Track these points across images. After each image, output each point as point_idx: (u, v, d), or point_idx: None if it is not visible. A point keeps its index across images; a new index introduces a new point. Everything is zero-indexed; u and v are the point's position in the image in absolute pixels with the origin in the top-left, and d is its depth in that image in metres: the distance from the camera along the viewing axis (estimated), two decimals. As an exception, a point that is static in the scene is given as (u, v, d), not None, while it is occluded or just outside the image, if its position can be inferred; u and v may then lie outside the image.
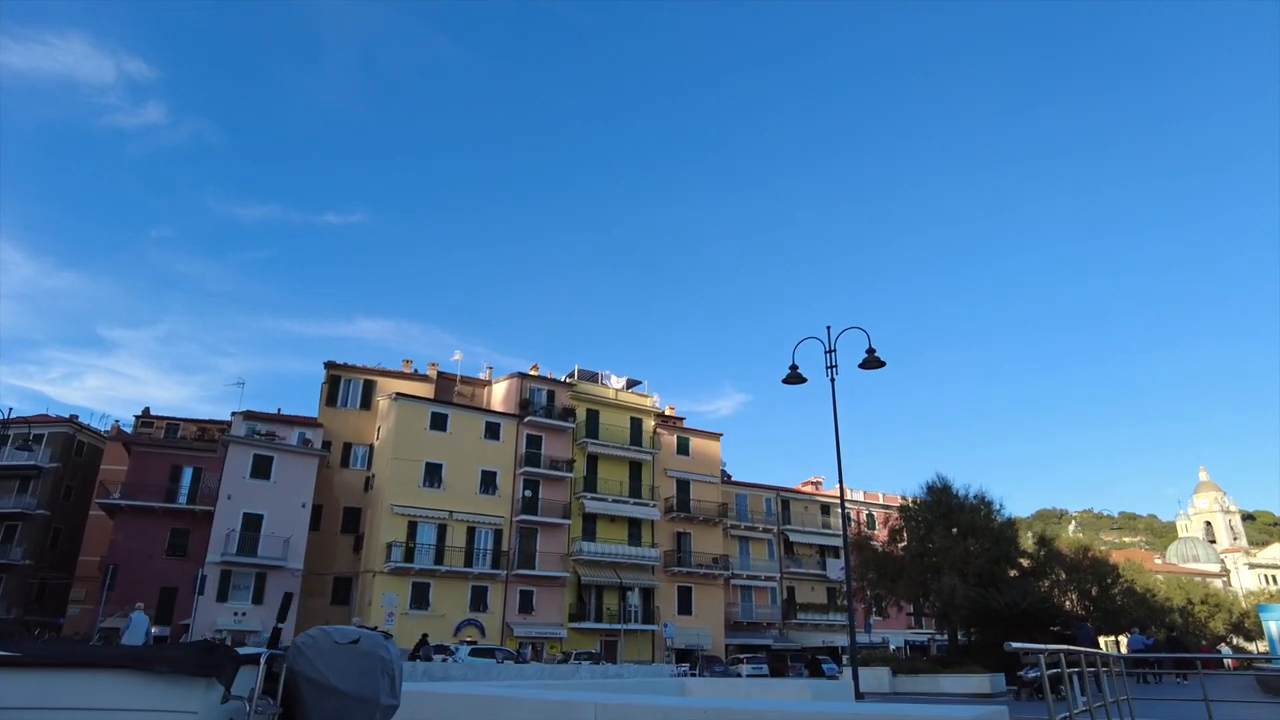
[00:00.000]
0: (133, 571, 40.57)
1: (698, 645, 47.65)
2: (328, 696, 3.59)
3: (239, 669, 3.38)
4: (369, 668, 3.66)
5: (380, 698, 3.64)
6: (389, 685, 3.70)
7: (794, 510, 60.91)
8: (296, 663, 3.70)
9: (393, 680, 3.72)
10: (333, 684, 3.61)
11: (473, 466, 44.63)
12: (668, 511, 51.00)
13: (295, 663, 3.70)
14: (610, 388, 52.81)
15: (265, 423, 45.08)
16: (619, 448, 50.02)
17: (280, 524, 40.16)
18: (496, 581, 43.43)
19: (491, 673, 23.53)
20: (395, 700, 3.74)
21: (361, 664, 3.66)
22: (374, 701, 3.61)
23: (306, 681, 3.63)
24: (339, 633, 3.78)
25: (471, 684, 9.00)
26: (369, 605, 39.21)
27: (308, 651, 3.73)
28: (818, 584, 59.82)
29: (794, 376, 19.22)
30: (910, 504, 28.87)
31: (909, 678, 19.82)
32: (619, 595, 46.85)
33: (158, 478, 43.77)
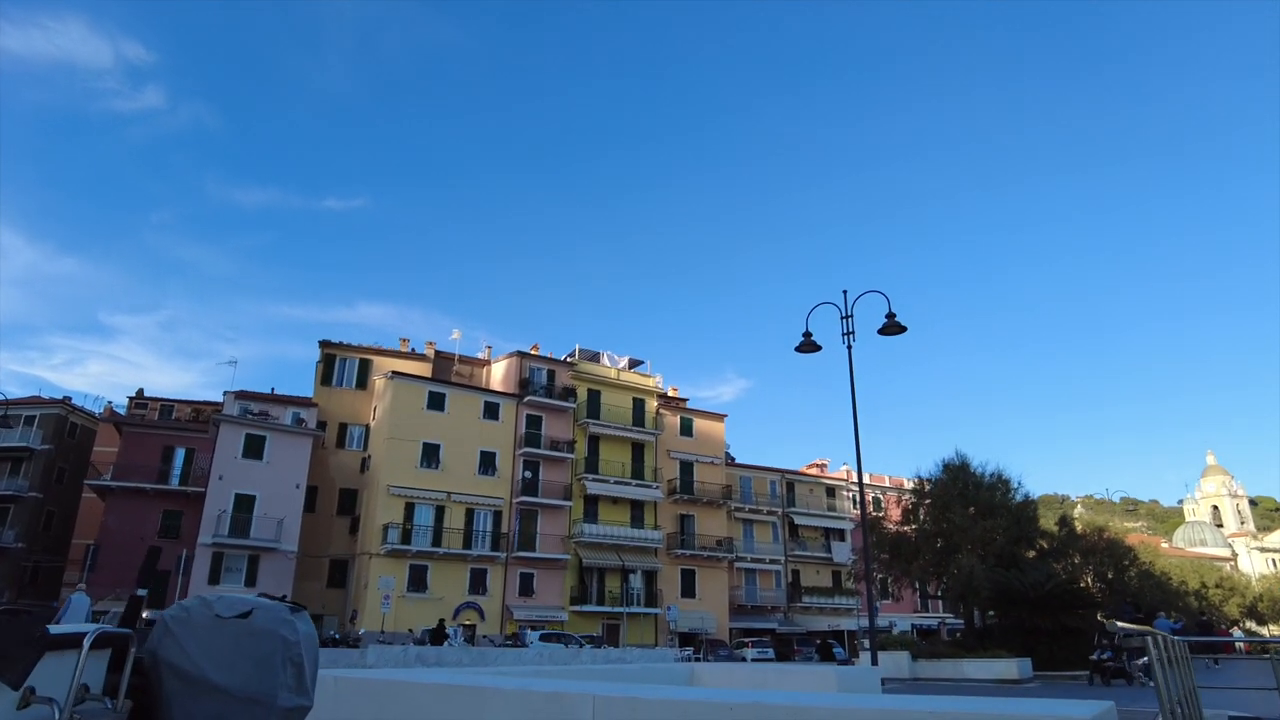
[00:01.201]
0: (124, 554, 39.58)
1: (701, 629, 46.74)
2: (201, 694, 2.42)
3: (42, 655, 2.17)
4: (264, 653, 2.47)
5: (278, 696, 2.45)
6: (293, 678, 2.50)
7: (799, 493, 59.93)
8: (161, 646, 2.53)
9: (300, 671, 2.53)
10: (208, 676, 2.44)
11: (471, 447, 43.56)
12: (671, 493, 49.96)
13: (159, 645, 2.53)
14: (612, 367, 51.64)
15: (258, 402, 44.02)
16: (621, 428, 48.92)
17: (273, 505, 39.15)
18: (496, 564, 42.46)
19: (487, 658, 22.51)
20: (305, 699, 2.54)
21: (253, 647, 2.47)
22: (268, 702, 2.43)
23: (173, 672, 2.47)
24: (223, 603, 2.58)
25: (452, 671, 7.53)
26: (365, 588, 38.25)
27: (176, 630, 2.54)
28: (823, 567, 58.93)
29: (808, 344, 18.05)
30: (925, 483, 27.72)
31: (929, 663, 18.76)
32: (621, 578, 45.90)
33: (149, 459, 42.74)
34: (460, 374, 50.50)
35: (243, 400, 43.84)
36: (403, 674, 6.04)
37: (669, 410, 52.46)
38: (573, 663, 23.51)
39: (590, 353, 51.76)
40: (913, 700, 3.51)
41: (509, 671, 8.37)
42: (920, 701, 3.41)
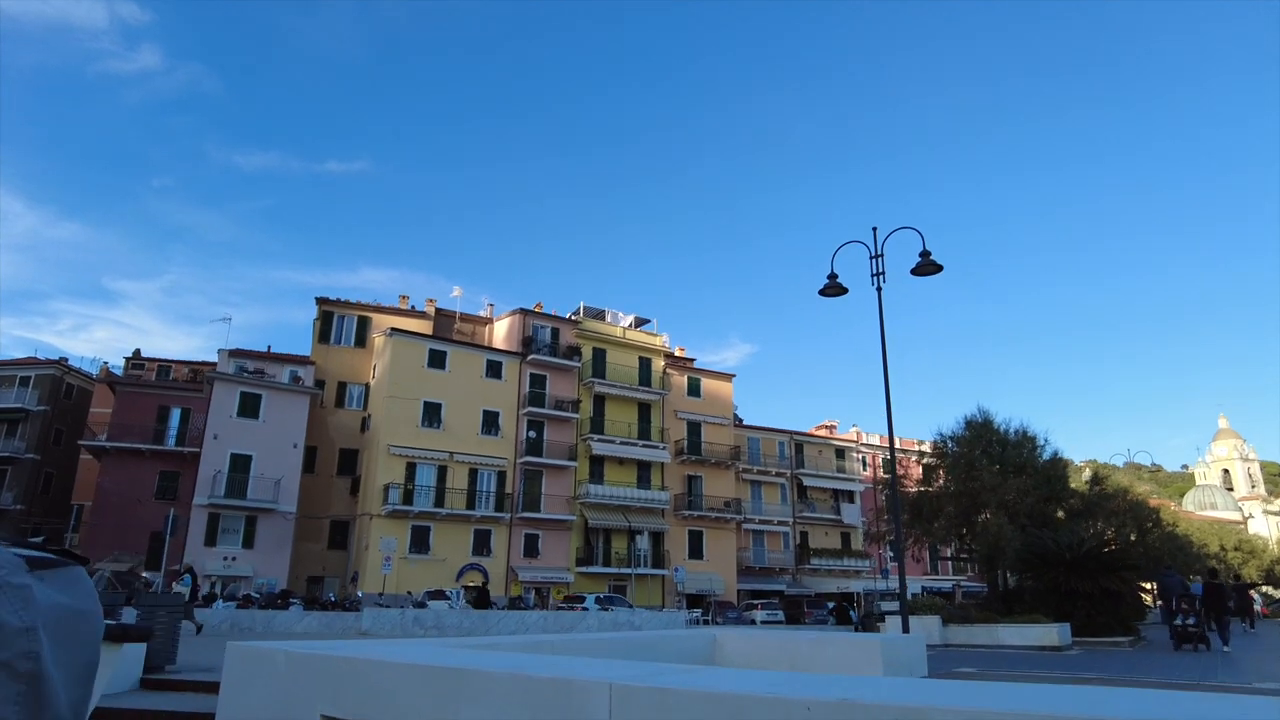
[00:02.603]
0: (120, 515, 38.78)
1: (709, 590, 45.99)
2: None
3: None
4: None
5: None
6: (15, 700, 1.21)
7: (807, 454, 58.87)
8: None
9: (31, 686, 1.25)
10: None
11: (474, 406, 42.41)
12: (678, 454, 48.89)
13: None
14: (618, 326, 50.27)
15: (254, 360, 42.85)
16: (627, 388, 47.70)
17: (270, 465, 38.15)
18: (500, 525, 41.55)
19: (489, 622, 21.52)
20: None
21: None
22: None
23: None
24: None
25: (431, 646, 5.75)
26: (366, 550, 37.38)
27: None
28: (831, 529, 58.11)
29: (833, 287, 16.65)
30: (947, 441, 26.44)
31: (961, 628, 17.61)
32: (628, 539, 45.02)
33: (145, 419, 41.70)
34: (462, 332, 49.20)
35: (238, 358, 42.66)
36: (369, 649, 4.87)
37: (676, 370, 51.19)
38: (577, 628, 22.49)
39: (595, 310, 50.37)
40: (1057, 695, 2.27)
41: (502, 644, 6.96)
42: (1074, 699, 2.18)
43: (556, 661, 5.34)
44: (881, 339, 15.82)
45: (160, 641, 8.47)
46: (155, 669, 8.38)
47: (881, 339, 15.82)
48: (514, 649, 7.12)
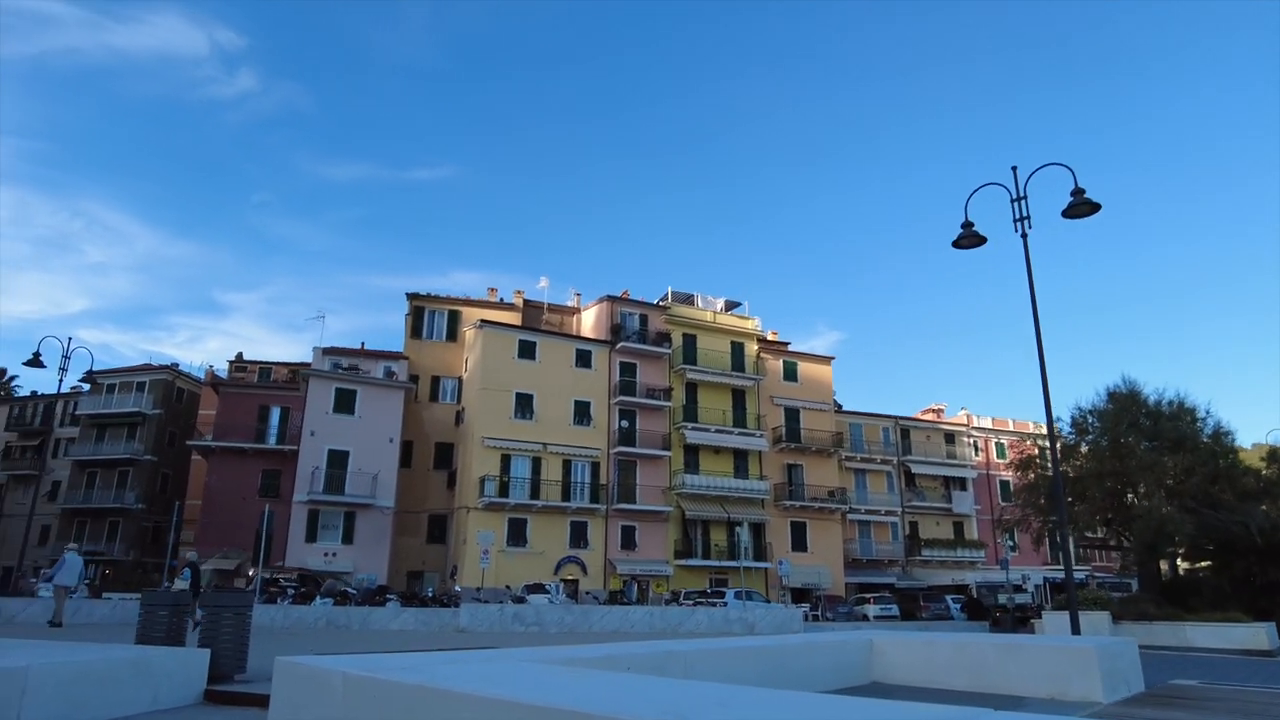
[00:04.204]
0: (228, 513, 39.57)
1: (815, 584, 43.85)
2: None
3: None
4: None
5: None
6: None
7: (914, 440, 55.81)
8: None
9: None
10: None
11: (565, 396, 41.51)
12: (776, 442, 46.82)
13: None
14: (708, 310, 48.52)
15: (348, 357, 43.16)
16: (720, 374, 45.93)
17: (367, 460, 38.17)
18: (596, 516, 40.54)
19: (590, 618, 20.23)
20: None
21: None
22: None
23: None
24: None
25: (535, 669, 3.91)
26: (464, 543, 36.94)
27: None
28: (943, 518, 54.95)
29: (969, 237, 14.57)
30: (1086, 415, 23.68)
31: (1137, 626, 15.20)
32: (727, 531, 43.33)
33: (246, 419, 42.58)
34: (550, 322, 48.46)
35: (333, 356, 43.04)
36: (452, 674, 3.53)
37: (770, 354, 49.08)
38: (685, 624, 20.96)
39: (684, 295, 48.77)
40: None
41: (621, 659, 5.35)
42: None
43: (652, 682, 3.66)
44: (1031, 294, 13.69)
45: (227, 647, 7.39)
46: (222, 678, 7.30)
47: (1031, 294, 13.69)
48: (640, 667, 5.62)
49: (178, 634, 7.85)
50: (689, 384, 45.36)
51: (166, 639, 7.68)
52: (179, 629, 7.91)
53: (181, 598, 8.10)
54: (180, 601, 8.07)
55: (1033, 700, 6.45)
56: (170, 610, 7.83)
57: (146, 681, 6.58)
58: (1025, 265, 13.94)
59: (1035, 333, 13.51)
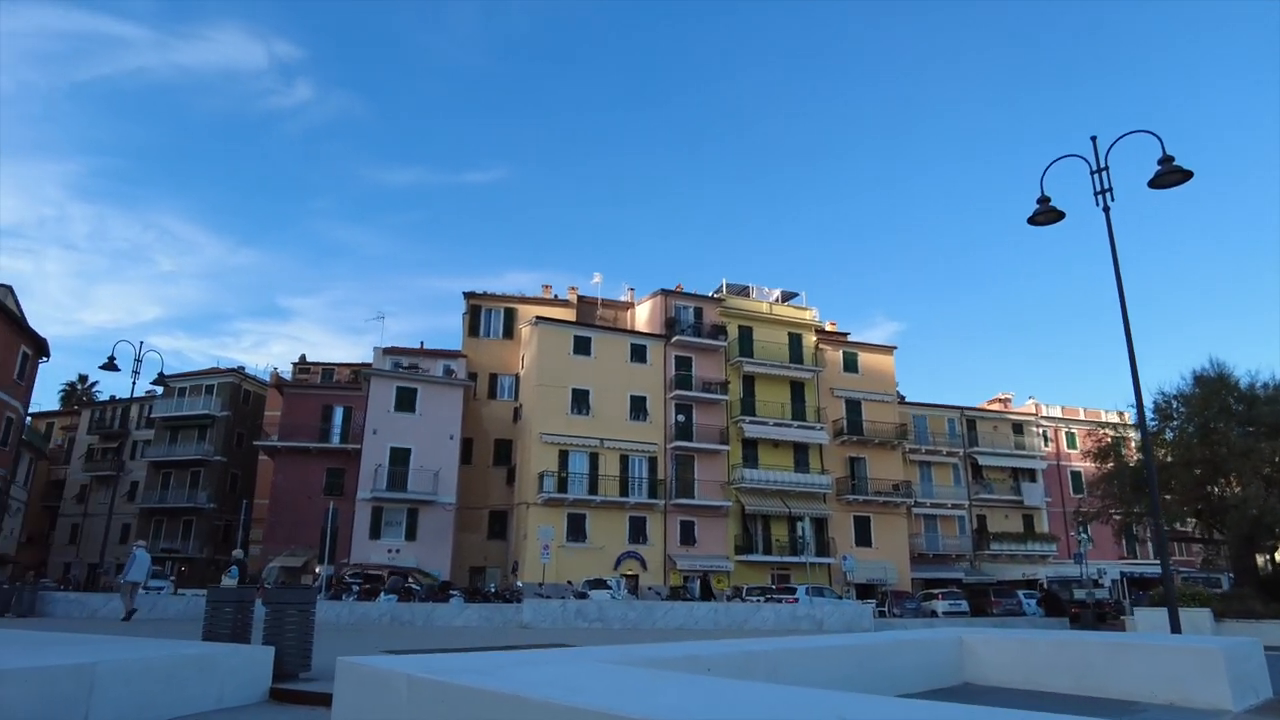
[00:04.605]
0: (294, 511, 40.44)
1: (881, 579, 42.84)
2: None
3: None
4: None
5: None
6: None
7: (980, 431, 54.17)
8: None
9: None
10: None
11: (620, 391, 41.32)
12: (837, 434, 45.84)
13: None
14: (763, 301, 47.77)
15: (408, 356, 43.72)
16: (777, 366, 45.16)
17: (429, 457, 38.57)
18: (654, 512, 40.25)
19: (654, 614, 19.90)
20: None
21: None
22: None
23: None
24: None
25: (612, 671, 3.42)
26: (524, 539, 37.06)
27: None
28: (1012, 511, 53.23)
29: (1047, 212, 13.79)
30: (1170, 400, 22.43)
31: (1243, 625, 14.22)
32: (788, 526, 42.61)
33: (310, 419, 43.46)
34: (604, 318, 48.32)
35: (393, 355, 43.65)
36: (517, 682, 3.23)
37: (829, 345, 48.07)
38: (751, 621, 20.46)
39: (738, 287, 48.11)
40: None
41: (703, 658, 4.95)
42: None
43: None
44: (1115, 269, 12.88)
45: (292, 644, 7.25)
46: (287, 676, 7.16)
47: (1115, 269, 12.88)
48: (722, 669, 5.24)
49: (243, 630, 7.77)
50: (746, 377, 44.72)
51: (232, 635, 7.61)
52: (244, 625, 7.84)
53: (244, 594, 8.03)
54: (244, 598, 8.00)
55: (1149, 706, 5.88)
56: (235, 607, 7.76)
57: (212, 679, 6.46)
58: (1108, 240, 13.13)
59: (1121, 309, 12.70)
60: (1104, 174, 13.33)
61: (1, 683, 5.53)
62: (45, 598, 23.53)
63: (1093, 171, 13.50)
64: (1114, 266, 12.86)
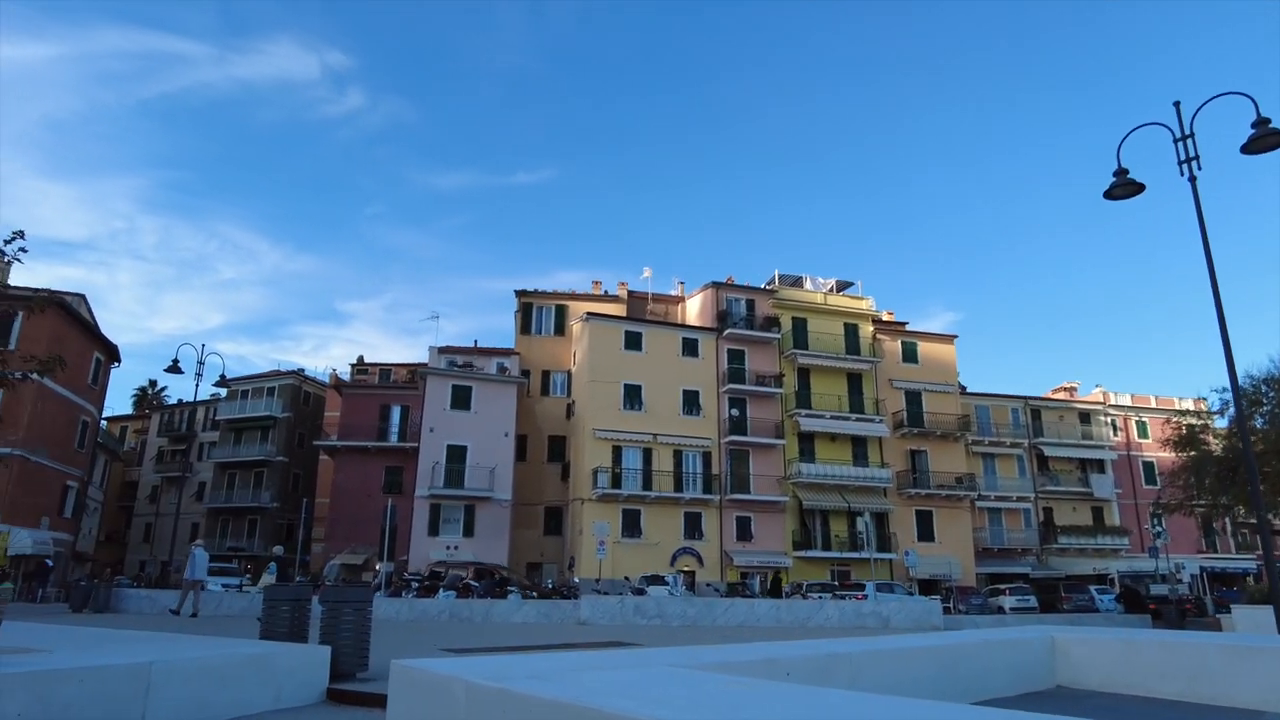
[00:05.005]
0: (354, 509, 41.08)
1: (945, 575, 41.65)
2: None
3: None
4: None
5: None
6: None
7: (1046, 421, 52.32)
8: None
9: None
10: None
11: (673, 386, 40.94)
12: (897, 427, 44.71)
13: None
14: (818, 292, 46.84)
15: (462, 355, 44.05)
16: (833, 358, 44.23)
17: (484, 454, 38.77)
18: (710, 507, 39.79)
19: (714, 610, 19.48)
20: None
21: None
22: None
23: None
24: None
25: (685, 677, 2.94)
26: (580, 534, 36.99)
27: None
28: (1080, 503, 51.33)
29: (1125, 185, 12.97)
30: (1259, 384, 21.16)
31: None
32: (847, 521, 41.71)
33: (369, 419, 44.11)
34: (655, 313, 47.99)
35: (447, 354, 44.01)
36: (586, 691, 2.92)
37: (887, 335, 46.91)
38: (814, 619, 19.90)
39: (791, 278, 47.25)
40: None
41: (781, 660, 4.53)
42: None
43: None
44: (1204, 243, 12.03)
45: (348, 643, 7.08)
46: (344, 676, 6.99)
47: (1204, 243, 12.03)
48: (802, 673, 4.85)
49: (300, 629, 7.65)
50: (801, 369, 43.92)
51: (289, 634, 7.49)
52: (301, 624, 7.72)
53: (301, 592, 7.91)
54: (301, 596, 7.87)
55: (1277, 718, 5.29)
56: (292, 605, 7.64)
57: (269, 679, 6.32)
58: (1195, 214, 12.26)
59: (1211, 285, 11.86)
60: (1189, 141, 12.47)
61: (61, 682, 5.46)
62: (120, 594, 24.29)
63: (1176, 139, 12.64)
64: (1203, 240, 12.01)
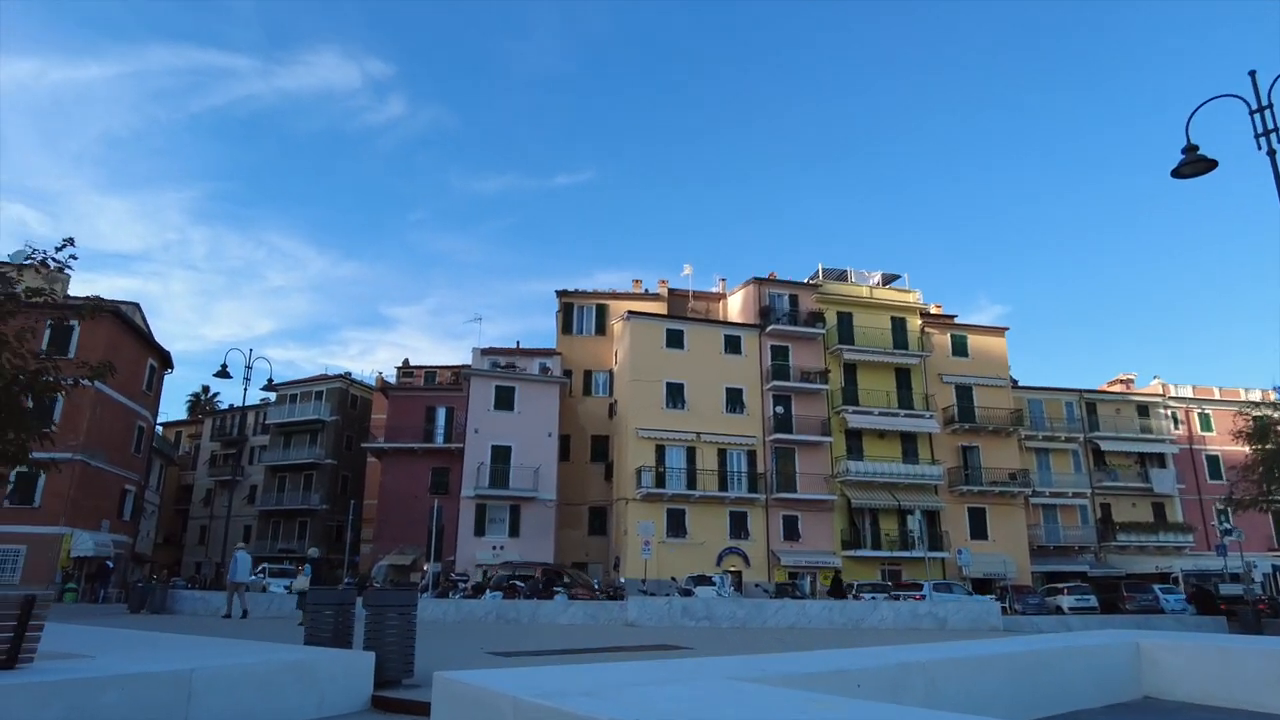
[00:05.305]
0: (402, 510, 41.39)
1: (1000, 573, 40.54)
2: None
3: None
4: None
5: None
6: None
7: (1102, 414, 50.62)
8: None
9: None
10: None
11: (715, 384, 40.48)
12: (948, 422, 43.63)
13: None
14: (863, 285, 45.95)
15: (505, 356, 44.17)
16: (880, 352, 43.33)
17: (528, 455, 38.79)
18: (756, 506, 39.25)
19: (764, 612, 19.03)
20: None
21: None
22: None
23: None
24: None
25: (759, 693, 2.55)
26: (624, 534, 36.77)
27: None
28: (1140, 499, 49.53)
29: (1194, 162, 12.25)
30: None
31: None
32: (897, 519, 40.82)
33: (414, 420, 44.44)
34: (696, 310, 47.56)
35: (490, 355, 44.18)
36: (645, 712, 2.63)
37: (936, 329, 45.82)
38: (868, 619, 19.35)
39: (836, 271, 46.44)
40: None
41: (851, 672, 4.11)
42: None
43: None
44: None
45: (393, 648, 6.88)
46: (389, 683, 6.79)
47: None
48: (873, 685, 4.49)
49: (344, 634, 7.49)
50: (847, 365, 43.11)
51: (333, 639, 7.33)
52: (346, 629, 7.55)
53: (345, 595, 7.75)
54: (344, 600, 7.71)
55: None
56: (336, 609, 7.48)
57: (312, 686, 6.14)
58: (1275, 188, 11.49)
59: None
60: (1268, 113, 11.71)
61: (104, 689, 5.35)
62: (175, 595, 24.73)
63: (1252, 111, 11.88)
64: (1284, 218, 11.29)
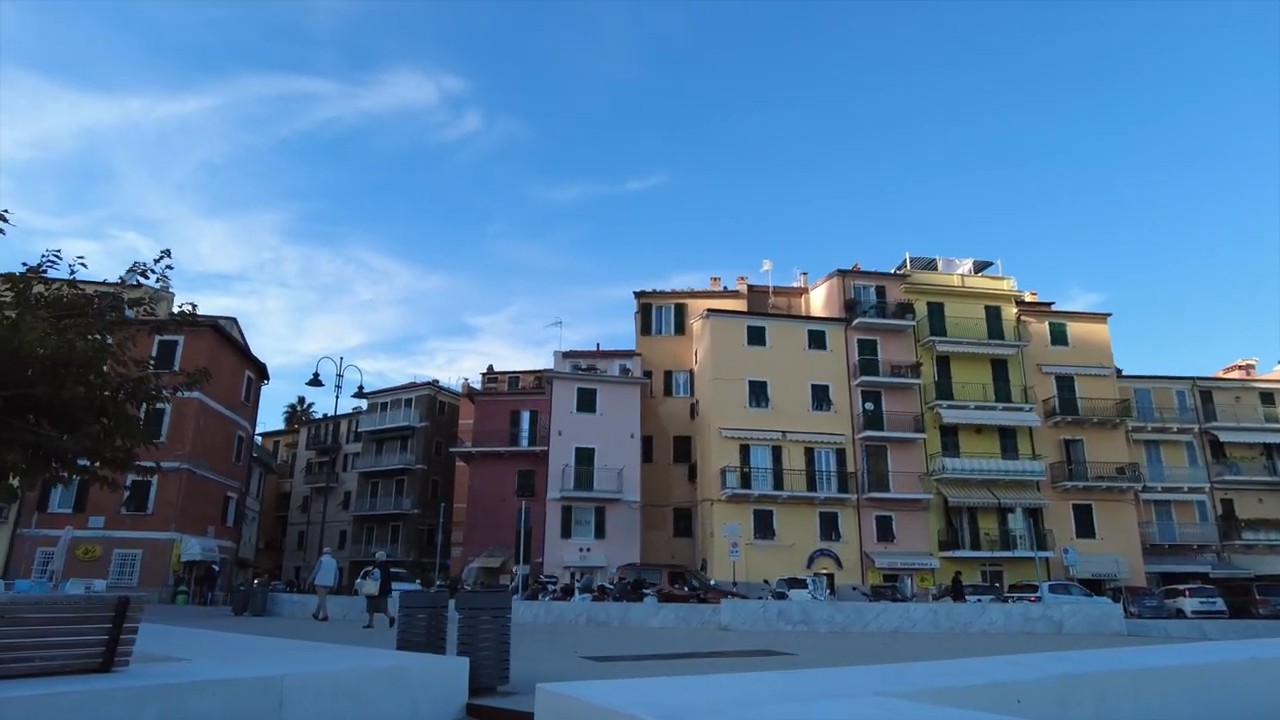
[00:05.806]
0: (490, 513, 41.84)
1: (1110, 574, 38.19)
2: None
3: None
4: None
5: None
6: None
7: (1219, 403, 47.14)
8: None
9: None
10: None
11: (800, 381, 39.46)
12: (1049, 415, 41.40)
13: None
14: (954, 274, 44.10)
15: (585, 358, 44.25)
16: (975, 343, 41.44)
17: (611, 456, 38.67)
18: (846, 506, 38.06)
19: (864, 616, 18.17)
20: None
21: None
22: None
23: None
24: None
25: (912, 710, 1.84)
26: (710, 536, 36.19)
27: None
28: (1268, 493, 45.88)
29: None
30: None
31: None
32: (997, 518, 38.97)
33: (500, 424, 44.91)
34: (777, 306, 46.56)
35: (571, 359, 44.32)
36: None
37: (1032, 317, 43.59)
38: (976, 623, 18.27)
39: (924, 260, 44.72)
40: None
41: (978, 690, 3.44)
42: None
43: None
44: None
45: (487, 653, 6.58)
46: (484, 689, 6.49)
47: None
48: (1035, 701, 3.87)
49: (437, 639, 7.25)
50: (939, 357, 41.42)
51: (426, 644, 7.09)
52: (439, 633, 7.31)
53: (438, 599, 7.52)
54: (437, 603, 7.48)
55: None
56: (429, 613, 7.25)
57: (404, 693, 5.87)
58: None
59: None
60: None
61: (196, 694, 5.19)
62: (275, 598, 25.48)
63: None
64: None
